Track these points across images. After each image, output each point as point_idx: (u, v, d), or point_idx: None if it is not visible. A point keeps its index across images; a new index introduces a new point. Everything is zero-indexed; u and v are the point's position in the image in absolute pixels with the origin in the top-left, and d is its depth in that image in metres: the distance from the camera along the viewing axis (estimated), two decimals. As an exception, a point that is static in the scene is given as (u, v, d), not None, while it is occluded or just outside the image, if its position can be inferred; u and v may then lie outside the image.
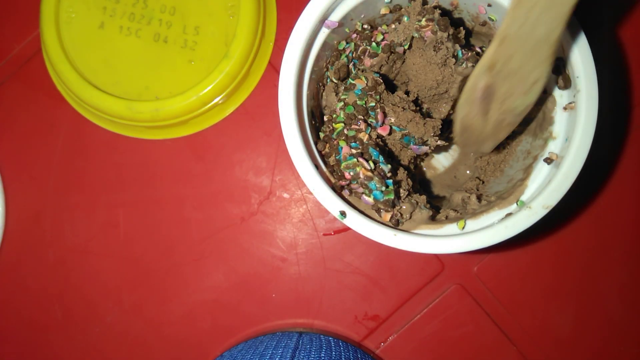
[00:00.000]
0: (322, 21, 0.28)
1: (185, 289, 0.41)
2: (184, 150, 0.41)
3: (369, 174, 0.26)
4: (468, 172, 0.35)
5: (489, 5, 0.29)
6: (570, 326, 0.40)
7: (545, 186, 0.25)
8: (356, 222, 0.26)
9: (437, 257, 0.40)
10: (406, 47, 0.31)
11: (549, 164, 0.27)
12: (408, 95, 0.32)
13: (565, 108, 0.27)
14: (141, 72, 0.39)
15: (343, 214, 0.26)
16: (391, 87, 0.34)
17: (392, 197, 0.26)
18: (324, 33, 0.29)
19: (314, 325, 0.40)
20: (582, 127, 0.25)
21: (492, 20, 0.30)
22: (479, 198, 0.30)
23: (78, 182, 0.41)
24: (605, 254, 0.40)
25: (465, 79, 0.30)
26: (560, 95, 0.27)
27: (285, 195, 0.41)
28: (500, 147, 0.32)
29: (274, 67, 0.41)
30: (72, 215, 0.41)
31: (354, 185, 0.27)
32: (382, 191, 0.26)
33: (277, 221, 0.41)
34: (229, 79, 0.38)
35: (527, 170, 0.28)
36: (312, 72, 0.29)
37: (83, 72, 0.39)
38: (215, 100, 0.39)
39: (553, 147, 0.27)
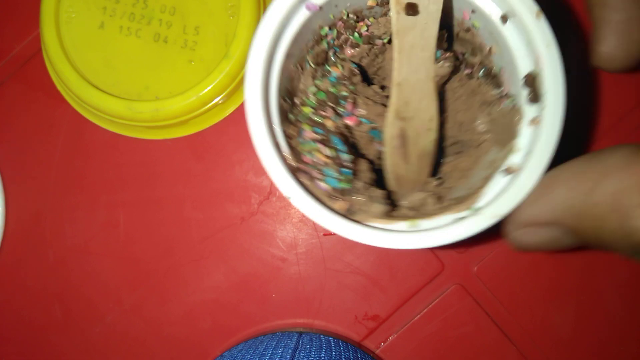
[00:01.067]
0: (303, 1, 0.27)
1: (185, 289, 0.41)
2: (184, 150, 0.41)
3: (327, 160, 0.26)
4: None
5: (473, 11, 0.29)
6: (570, 326, 0.40)
7: (498, 196, 0.25)
8: (305, 204, 0.26)
9: (437, 257, 0.40)
10: (385, 40, 0.30)
11: (507, 175, 0.27)
12: (383, 90, 0.32)
13: (531, 122, 0.27)
14: (141, 72, 0.39)
15: (293, 194, 0.26)
16: (369, 80, 0.34)
17: (346, 186, 0.26)
18: (304, 14, 0.28)
19: (314, 325, 0.40)
20: (543, 143, 0.25)
21: (476, 27, 0.30)
22: (438, 201, 0.30)
23: (78, 182, 0.41)
24: (605, 253, 0.40)
25: (441, 79, 0.30)
26: (528, 109, 0.27)
27: (285, 195, 0.41)
28: (468, 156, 0.33)
29: (274, 67, 0.41)
30: (72, 215, 0.41)
31: (311, 170, 0.27)
32: (337, 179, 0.26)
33: (277, 221, 0.41)
34: (229, 79, 0.38)
35: (486, 179, 0.28)
36: (290, 53, 0.28)
37: (83, 72, 0.39)
38: (215, 100, 0.39)
39: (514, 159, 0.27)
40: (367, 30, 0.31)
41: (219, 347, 0.40)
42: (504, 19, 0.27)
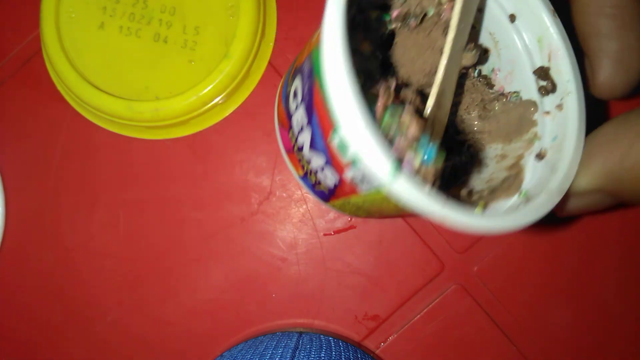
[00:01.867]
0: None
1: (185, 289, 0.41)
2: (184, 150, 0.41)
3: (420, 127, 0.21)
4: None
5: (479, 10, 0.28)
6: (571, 326, 0.40)
7: (553, 175, 0.26)
8: (405, 186, 0.20)
9: (437, 257, 0.40)
10: (418, 21, 0.29)
11: (540, 159, 0.27)
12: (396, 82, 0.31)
13: (547, 112, 0.27)
14: (141, 72, 0.39)
15: (398, 168, 0.19)
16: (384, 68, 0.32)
17: (440, 164, 0.21)
18: None
19: (314, 325, 0.40)
20: (575, 125, 0.26)
21: (474, 29, 0.30)
22: (469, 193, 0.29)
23: (78, 182, 0.41)
24: (606, 253, 0.40)
25: (462, 70, 0.30)
26: (540, 102, 0.28)
27: (285, 195, 0.41)
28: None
29: (274, 67, 0.41)
30: (72, 215, 0.41)
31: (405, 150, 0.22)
32: (432, 154, 0.21)
33: (277, 221, 0.41)
34: (229, 79, 0.38)
35: (514, 168, 0.28)
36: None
37: (83, 72, 0.39)
38: (215, 101, 0.39)
39: (540, 145, 0.27)
40: (401, 6, 0.28)
41: (219, 347, 0.40)
42: (512, 17, 0.27)
